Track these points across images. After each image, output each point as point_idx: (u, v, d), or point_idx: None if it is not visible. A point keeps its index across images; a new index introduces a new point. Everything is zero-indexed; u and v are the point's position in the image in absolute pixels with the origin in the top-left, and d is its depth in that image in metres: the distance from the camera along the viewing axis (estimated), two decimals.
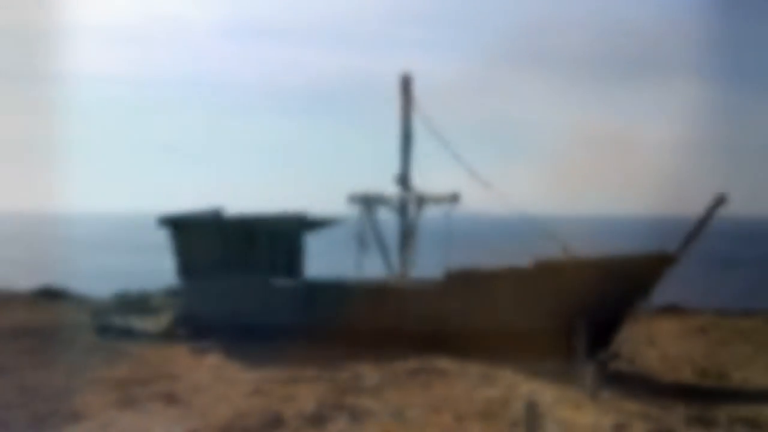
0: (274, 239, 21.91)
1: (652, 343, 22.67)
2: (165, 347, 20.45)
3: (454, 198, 19.14)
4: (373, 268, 23.64)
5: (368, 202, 21.84)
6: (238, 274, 21.48)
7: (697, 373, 20.03)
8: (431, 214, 19.96)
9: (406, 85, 22.00)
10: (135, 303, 25.69)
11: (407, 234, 20.71)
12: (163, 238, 23.46)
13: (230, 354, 18.80)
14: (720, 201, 18.30)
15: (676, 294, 48.73)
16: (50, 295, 29.45)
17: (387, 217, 22.32)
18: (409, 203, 21.38)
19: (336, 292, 20.66)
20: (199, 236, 21.83)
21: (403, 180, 21.83)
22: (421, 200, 19.98)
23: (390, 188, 21.98)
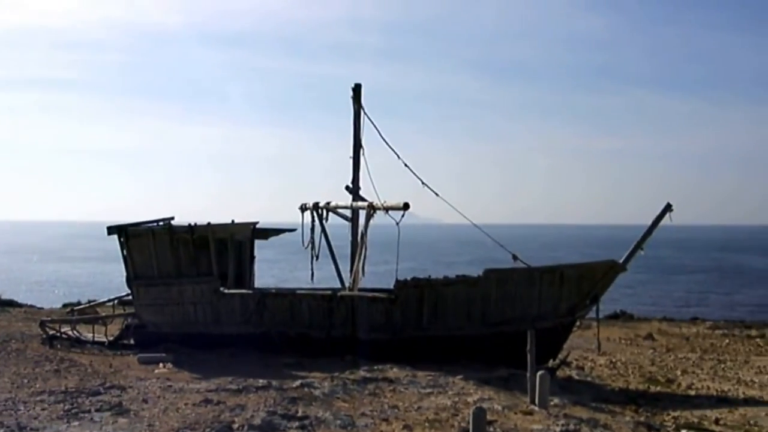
0: (225, 248, 21.84)
1: (600, 350, 22.89)
2: (114, 357, 20.30)
3: (405, 207, 19.20)
4: (324, 277, 23.64)
5: (319, 211, 21.84)
6: (189, 282, 21.37)
7: (644, 379, 20.31)
8: (383, 222, 20.00)
9: (357, 94, 22.05)
10: (84, 312, 25.42)
11: (358, 243, 20.72)
12: (113, 246, 23.29)
13: (180, 363, 18.70)
14: (666, 210, 18.61)
15: (625, 301, 49.53)
16: None
17: (339, 226, 22.35)
18: (360, 212, 21.41)
19: (287, 300, 20.63)
20: (149, 245, 21.69)
21: (355, 189, 21.88)
22: (372, 209, 20.00)
23: (342, 197, 22.02)
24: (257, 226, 23.06)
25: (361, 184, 21.94)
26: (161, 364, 18.64)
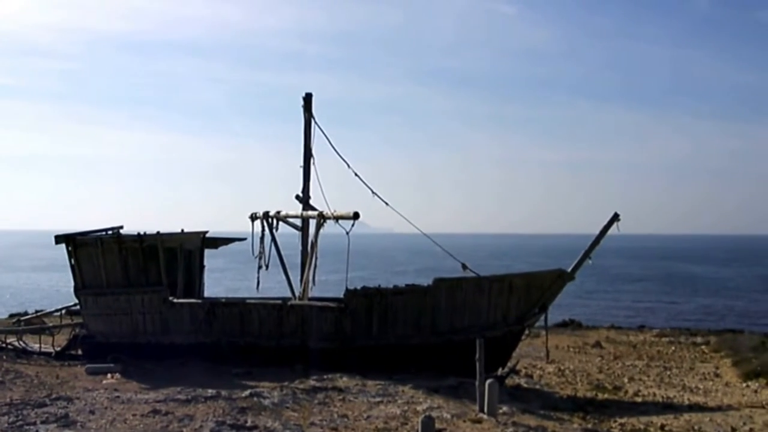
0: (174, 257, 21.70)
1: (549, 358, 23.12)
2: (62, 368, 20.05)
3: (355, 216, 19.25)
4: (274, 286, 23.58)
5: (269, 220, 21.79)
6: (138, 292, 21.20)
7: (592, 387, 20.53)
8: (333, 232, 20.01)
9: (308, 103, 22.06)
10: (31, 322, 25.06)
11: (308, 252, 20.72)
12: (60, 255, 23.02)
13: (129, 374, 18.54)
14: (614, 219, 18.85)
15: (574, 310, 50.00)
16: None
17: (289, 235, 22.31)
18: (310, 221, 21.40)
19: (237, 310, 20.55)
20: (97, 254, 21.47)
21: (305, 198, 21.87)
22: (323, 218, 20.02)
23: (292, 206, 22.00)
24: (207, 235, 22.95)
25: (311, 193, 21.94)
26: (109, 375, 18.47)
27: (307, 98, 22.06)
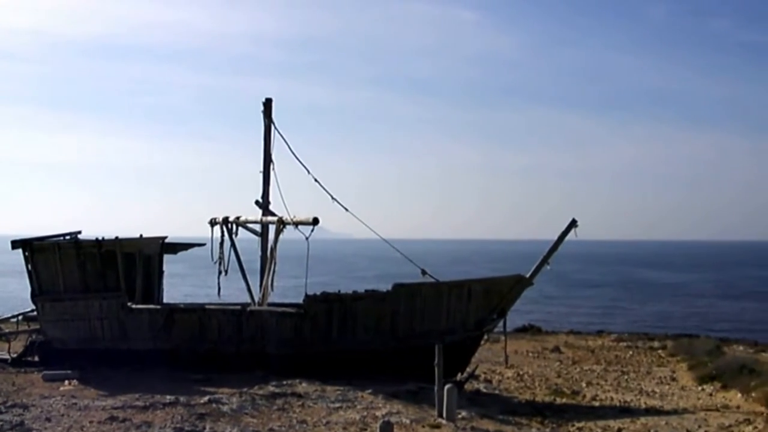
0: (133, 262, 21.54)
1: (508, 363, 23.26)
2: (18, 375, 19.79)
3: (314, 222, 19.24)
4: (234, 292, 23.50)
5: (229, 226, 21.71)
6: (96, 298, 21.02)
7: (551, 391, 20.69)
8: (292, 237, 20.00)
9: (267, 108, 22.03)
10: None
11: (268, 257, 20.68)
12: (18, 260, 22.76)
13: (86, 380, 18.32)
14: (571, 225, 19.02)
15: (534, 315, 50.29)
16: None
17: (248, 241, 22.24)
18: (269, 227, 21.37)
19: (196, 316, 20.46)
20: (55, 259, 21.26)
21: (264, 203, 21.83)
22: (282, 224, 19.99)
23: (251, 211, 21.94)
24: (166, 240, 22.82)
25: (271, 198, 21.90)
26: (66, 382, 18.26)
27: (267, 103, 22.03)
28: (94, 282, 21.15)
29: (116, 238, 21.34)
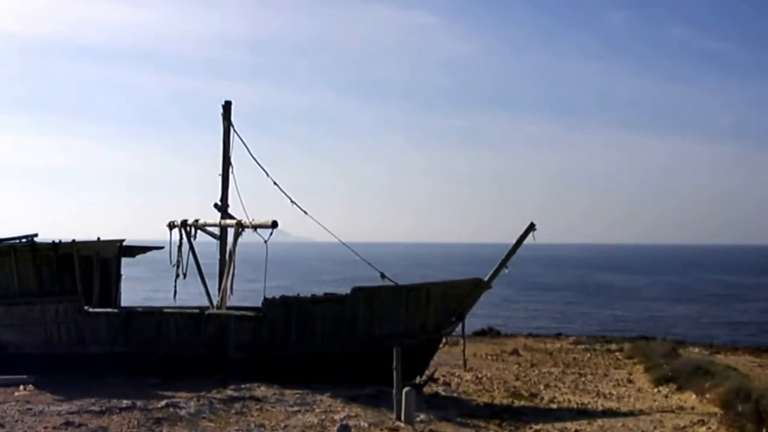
0: (90, 265, 21.33)
1: (467, 366, 23.35)
2: None
3: (273, 225, 19.20)
4: (192, 296, 23.37)
5: (187, 229, 21.58)
6: (52, 301, 20.78)
7: (509, 394, 20.82)
8: (252, 240, 19.94)
9: (227, 111, 21.93)
10: None
11: (227, 261, 20.60)
12: None
13: (42, 385, 18.08)
14: (530, 229, 19.15)
15: (493, 318, 50.55)
16: None
17: (207, 244, 22.13)
18: (228, 230, 21.27)
19: (154, 319, 20.31)
20: (10, 262, 20.98)
21: (223, 206, 21.74)
22: (241, 227, 19.92)
23: (210, 214, 21.83)
24: (124, 243, 22.62)
25: (230, 201, 21.81)
26: (21, 387, 18.03)
27: (226, 106, 21.94)
28: (51, 285, 20.90)
29: (73, 241, 21.11)
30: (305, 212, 20.97)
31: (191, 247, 21.56)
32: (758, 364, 27.41)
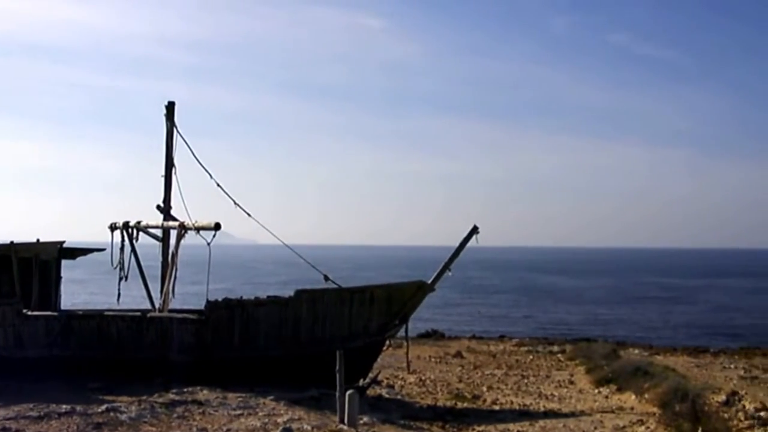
0: (29, 268, 21.00)
1: (410, 368, 23.42)
2: None
3: (216, 227, 19.09)
4: (134, 298, 23.12)
5: (129, 231, 21.35)
6: None
7: (452, 396, 20.92)
8: (195, 242, 19.79)
9: (170, 111, 21.75)
10: None
11: (169, 263, 20.41)
12: None
13: None
14: (473, 232, 19.27)
15: (437, 321, 50.75)
16: None
17: (150, 246, 21.91)
18: (171, 232, 21.09)
19: (95, 322, 20.05)
20: None
21: (166, 208, 21.55)
22: (183, 229, 19.76)
23: (153, 216, 21.62)
24: (64, 245, 22.31)
25: (173, 203, 21.62)
26: None
27: (170, 107, 21.75)
28: None
29: (11, 242, 20.77)
30: (249, 214, 20.89)
31: (133, 249, 21.34)
32: (695, 364, 27.90)
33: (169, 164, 21.68)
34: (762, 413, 16.58)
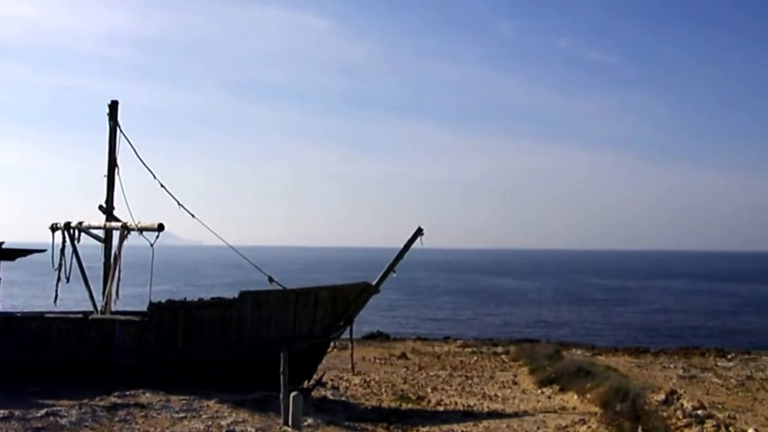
0: None
1: (355, 369, 23.42)
2: None
3: (159, 228, 18.90)
4: (76, 300, 22.80)
5: (71, 231, 21.05)
6: None
7: (397, 397, 20.95)
8: (138, 243, 19.56)
9: (113, 110, 21.47)
10: None
11: (111, 264, 20.16)
12: None
13: None
14: (417, 234, 19.33)
15: (382, 322, 50.83)
16: None
17: (92, 247, 21.62)
18: (114, 233, 20.83)
19: (34, 324, 19.73)
20: None
21: (109, 209, 21.27)
22: (126, 230, 19.53)
23: (95, 216, 21.33)
24: (3, 245, 21.92)
25: (116, 203, 21.35)
26: None
27: (113, 105, 21.45)
28: None
29: None
30: (192, 215, 20.73)
31: (74, 250, 21.02)
32: (636, 364, 28.29)
33: (112, 164, 21.39)
34: (699, 411, 16.87)
